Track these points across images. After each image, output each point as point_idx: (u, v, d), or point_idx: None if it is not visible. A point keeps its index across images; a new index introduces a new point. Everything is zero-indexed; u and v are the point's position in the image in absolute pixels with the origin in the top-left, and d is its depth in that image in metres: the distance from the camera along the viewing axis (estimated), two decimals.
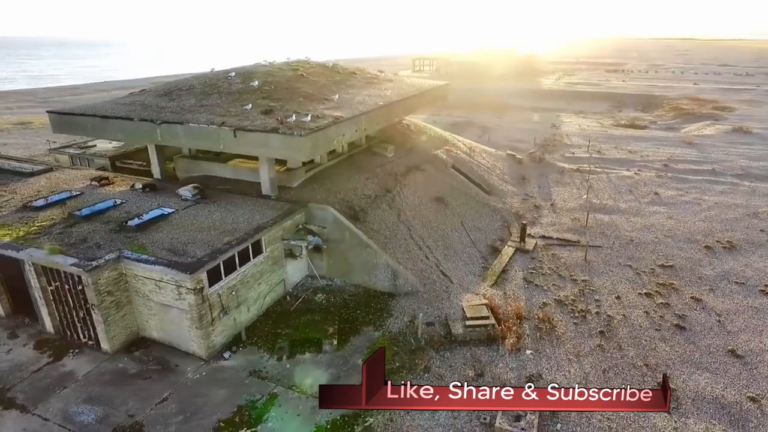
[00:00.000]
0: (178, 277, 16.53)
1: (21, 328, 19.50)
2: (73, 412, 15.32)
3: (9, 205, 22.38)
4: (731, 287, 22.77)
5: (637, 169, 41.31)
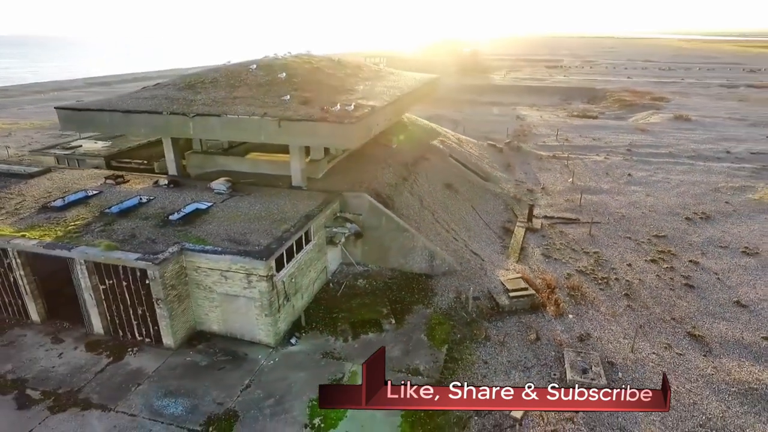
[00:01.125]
0: (250, 264, 16.65)
1: (62, 332, 18.67)
2: (159, 406, 15.13)
3: (24, 206, 21.15)
4: (718, 250, 25.82)
5: (606, 154, 44.88)
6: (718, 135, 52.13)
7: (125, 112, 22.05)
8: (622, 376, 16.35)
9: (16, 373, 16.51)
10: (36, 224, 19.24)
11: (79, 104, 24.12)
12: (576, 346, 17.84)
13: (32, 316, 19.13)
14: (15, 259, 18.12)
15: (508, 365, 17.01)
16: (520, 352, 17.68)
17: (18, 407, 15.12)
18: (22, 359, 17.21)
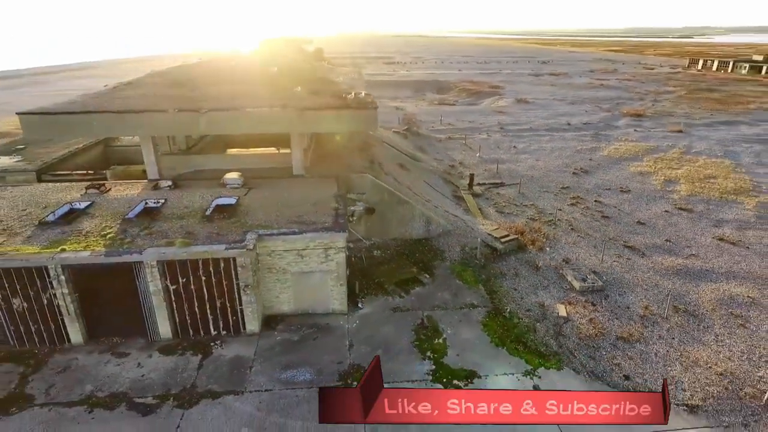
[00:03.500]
0: (329, 239, 18.23)
1: (118, 347, 17.55)
2: (287, 377, 16.09)
3: (15, 228, 18.62)
4: (606, 192, 34.62)
5: (486, 133, 53.38)
6: (554, 112, 65.50)
7: (119, 113, 20.54)
8: (605, 278, 22.41)
9: (105, 390, 15.51)
10: (58, 240, 17.49)
11: (54, 108, 21.04)
12: (566, 267, 23.49)
13: (73, 339, 17.46)
14: (58, 277, 16.46)
15: (531, 288, 21.78)
16: (533, 278, 22.60)
17: (143, 414, 14.60)
18: (97, 378, 16.04)
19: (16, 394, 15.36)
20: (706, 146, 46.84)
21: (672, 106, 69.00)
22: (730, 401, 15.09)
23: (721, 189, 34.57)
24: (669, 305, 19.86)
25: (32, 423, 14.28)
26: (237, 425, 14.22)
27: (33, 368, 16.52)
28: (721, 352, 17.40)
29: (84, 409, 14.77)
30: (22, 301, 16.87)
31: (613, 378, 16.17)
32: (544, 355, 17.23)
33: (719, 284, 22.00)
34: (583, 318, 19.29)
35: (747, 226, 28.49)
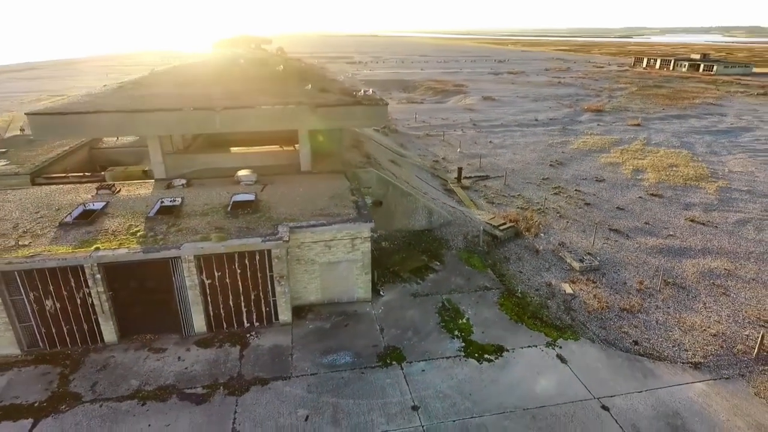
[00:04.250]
0: (356, 229, 19.06)
1: (153, 343, 17.70)
2: (329, 361, 16.83)
3: (35, 230, 18.32)
4: (584, 181, 37.01)
5: (461, 130, 55.29)
6: (521, 109, 68.44)
7: (132, 112, 20.44)
8: (600, 259, 24.35)
9: (152, 384, 15.74)
10: (88, 241, 17.44)
11: (65, 108, 20.45)
12: (563, 249, 25.30)
13: (107, 338, 17.47)
14: (94, 276, 16.48)
15: (535, 270, 23.39)
16: (534, 261, 24.26)
17: (196, 403, 14.98)
18: (139, 373, 16.22)
19: (61, 393, 15.35)
20: (664, 138, 50.64)
21: (627, 102, 73.61)
22: (727, 357, 17.14)
23: (684, 176, 37.77)
24: (661, 280, 21.99)
25: (86, 418, 14.39)
26: (292, 407, 14.89)
27: (71, 368, 16.48)
28: (710, 316, 19.58)
29: (136, 403, 15.00)
30: (55, 302, 16.77)
31: (624, 344, 17.93)
32: (560, 328, 18.81)
33: (698, 259, 24.44)
34: (588, 294, 21.07)
35: (712, 208, 31.46)
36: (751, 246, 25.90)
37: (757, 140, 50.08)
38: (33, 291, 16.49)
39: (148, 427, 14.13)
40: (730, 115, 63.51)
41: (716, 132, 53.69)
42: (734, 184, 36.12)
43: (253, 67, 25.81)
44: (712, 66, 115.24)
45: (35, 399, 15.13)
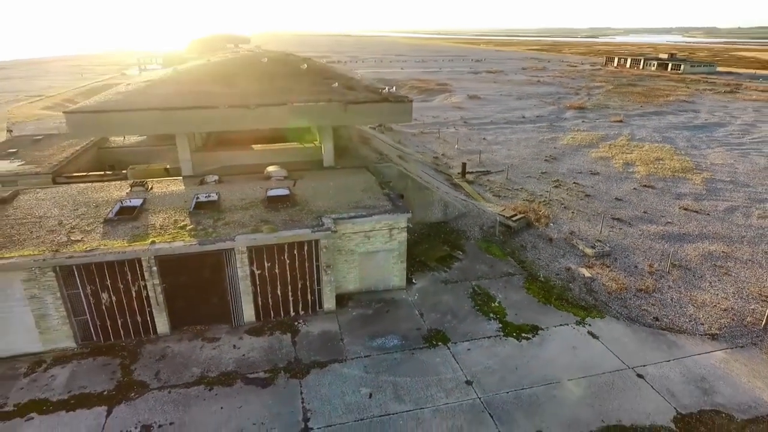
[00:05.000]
0: (394, 220, 20.02)
1: (205, 333, 18.26)
2: (379, 344, 17.75)
3: (82, 226, 18.59)
4: (580, 174, 38.86)
5: (453, 128, 56.74)
6: (507, 107, 70.49)
7: (167, 110, 20.81)
8: (609, 246, 25.98)
9: (214, 371, 16.35)
10: (137, 234, 17.85)
11: (102, 106, 20.49)
12: (574, 237, 26.85)
13: (159, 329, 17.93)
14: (150, 268, 16.94)
15: (551, 257, 24.83)
16: (549, 249, 25.71)
17: (262, 386, 15.68)
18: (199, 361, 16.79)
19: (127, 382, 15.82)
20: (646, 134, 53.30)
21: (605, 100, 76.66)
22: (739, 328, 18.88)
23: (671, 169, 40.11)
24: (669, 262, 23.74)
25: (159, 404, 14.93)
26: (355, 386, 15.77)
27: (130, 359, 16.91)
28: (718, 294, 21.37)
29: (203, 388, 15.61)
30: (111, 295, 17.15)
31: (646, 320, 19.49)
32: (585, 308, 20.25)
33: (697, 244, 26.37)
34: (605, 277, 22.61)
35: (701, 197, 33.69)
36: (742, 231, 28.05)
37: (730, 135, 53.27)
38: (90, 285, 16.85)
39: (220, 410, 14.79)
40: (703, 111, 67.11)
41: (693, 127, 56.80)
42: (717, 175, 38.62)
43: (276, 65, 26.37)
44: (679, 65, 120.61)
45: (103, 388, 15.56)
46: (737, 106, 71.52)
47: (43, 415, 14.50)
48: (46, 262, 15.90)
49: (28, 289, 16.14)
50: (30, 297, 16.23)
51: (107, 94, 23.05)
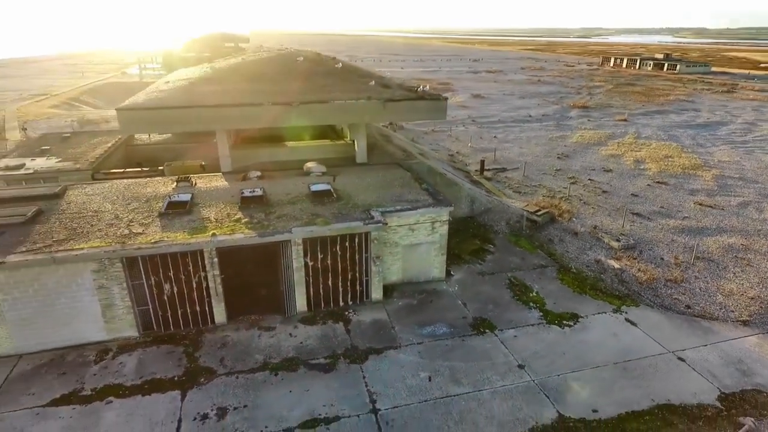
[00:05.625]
0: (437, 213, 20.81)
1: (260, 323, 18.89)
2: (429, 332, 18.52)
3: (139, 219, 19.14)
4: (593, 171, 39.88)
5: (463, 126, 57.63)
6: (511, 106, 71.55)
7: (216, 107, 21.40)
8: (633, 239, 26.93)
9: (276, 358, 17.01)
10: (195, 228, 18.45)
11: (153, 103, 20.99)
12: (599, 231, 27.79)
13: (217, 319, 18.56)
14: (212, 259, 17.57)
15: (579, 249, 25.74)
16: (576, 242, 26.62)
17: (324, 371, 16.37)
18: (259, 349, 17.45)
19: (195, 368, 16.44)
20: (651, 132, 54.55)
21: (607, 99, 78.02)
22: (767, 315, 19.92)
23: (681, 166, 41.29)
24: (693, 254, 24.76)
25: (229, 388, 15.58)
26: (413, 371, 16.52)
27: (193, 347, 17.53)
28: (743, 283, 22.40)
29: (269, 374, 16.28)
30: (173, 285, 17.75)
31: (678, 308, 20.44)
32: (620, 297, 21.17)
33: (716, 237, 27.43)
34: (633, 268, 23.56)
35: (714, 193, 34.84)
36: (757, 225, 29.17)
37: (733, 133, 54.69)
38: (154, 275, 17.44)
39: (289, 393, 15.47)
40: (703, 110, 68.64)
41: (696, 126, 58.18)
42: (726, 172, 39.84)
43: (312, 64, 27.03)
44: (675, 65, 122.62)
45: (173, 374, 16.18)
46: (736, 105, 73.21)
47: (120, 398, 15.10)
48: (116, 253, 16.48)
49: (97, 280, 16.71)
50: (98, 287, 16.80)
51: (150, 92, 23.56)
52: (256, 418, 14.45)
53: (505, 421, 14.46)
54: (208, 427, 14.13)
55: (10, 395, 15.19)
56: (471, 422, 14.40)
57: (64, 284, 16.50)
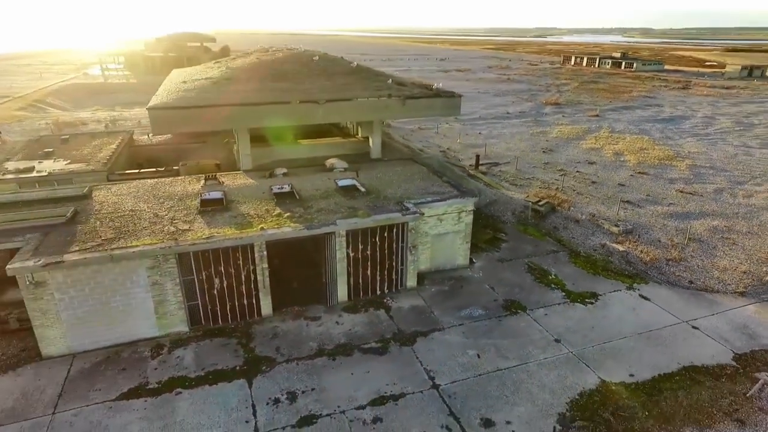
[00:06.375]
0: (463, 204, 22.01)
1: (304, 313, 19.54)
2: (466, 314, 19.72)
3: (181, 217, 19.40)
4: (579, 164, 42.19)
5: (447, 123, 59.25)
6: (489, 103, 73.87)
7: (244, 105, 21.77)
8: (630, 224, 29.03)
9: (329, 344, 17.78)
10: (239, 223, 18.92)
11: (184, 102, 20.96)
12: (598, 218, 29.76)
13: (264, 311, 19.10)
14: (262, 253, 18.11)
15: (583, 235, 27.57)
16: (579, 229, 28.47)
17: (379, 354, 17.26)
18: (311, 337, 18.14)
19: (253, 358, 16.99)
20: (623, 126, 57.86)
21: (576, 96, 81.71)
22: (760, 286, 22.20)
23: (657, 157, 44.26)
24: (687, 236, 27.04)
25: (293, 374, 16.26)
26: (461, 349, 17.66)
27: (245, 338, 18.03)
28: (733, 260, 24.76)
29: (326, 359, 17.04)
30: (222, 279, 18.18)
31: (683, 284, 22.49)
32: (630, 276, 23.04)
33: (701, 221, 29.94)
34: (636, 250, 25.57)
35: (691, 181, 37.71)
36: (734, 208, 31.97)
37: (696, 126, 58.75)
38: (205, 270, 17.83)
39: (351, 375, 16.30)
40: (665, 106, 73.11)
41: (662, 120, 62.09)
42: (698, 162, 43.06)
43: (328, 63, 27.68)
44: (632, 63, 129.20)
45: (234, 364, 16.68)
46: (694, 101, 78.32)
47: (188, 389, 15.52)
48: (171, 249, 16.81)
49: (151, 276, 16.98)
50: (153, 283, 17.07)
51: (173, 92, 23.63)
52: (327, 399, 15.23)
53: (556, 388, 15.83)
54: (283, 410, 14.81)
55: (75, 392, 15.34)
56: (526, 391, 15.70)
57: (120, 282, 16.71)
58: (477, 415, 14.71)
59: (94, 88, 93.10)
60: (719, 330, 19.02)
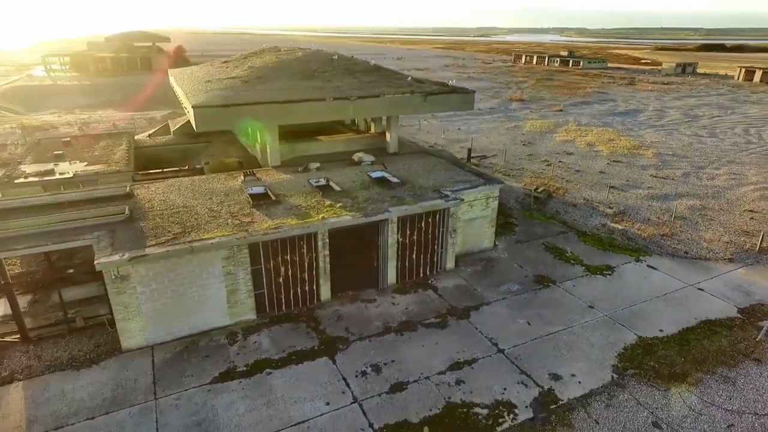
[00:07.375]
0: (490, 190, 23.93)
1: (359, 297, 20.76)
2: (505, 290, 21.66)
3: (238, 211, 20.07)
4: (557, 154, 45.40)
5: (425, 120, 61.36)
6: None
7: (284, 103, 22.57)
8: (621, 206, 32.10)
9: (393, 322, 19.15)
10: (298, 214, 19.87)
11: (227, 101, 21.16)
12: (592, 202, 32.64)
13: (323, 297, 20.16)
14: (324, 240, 19.17)
15: (583, 217, 30.31)
16: (577, 212, 31.21)
17: (440, 327, 18.82)
18: (373, 317, 19.45)
19: (327, 338, 18.10)
20: (588, 120, 62.26)
21: (536, 93, 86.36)
22: (743, 253, 25.62)
23: (625, 147, 48.34)
24: (673, 215, 30.37)
25: (369, 349, 17.53)
26: (511, 319, 19.56)
27: (313, 322, 19.06)
28: (715, 233, 28.21)
29: (394, 335, 18.41)
30: (288, 267, 19.10)
31: (680, 254, 25.53)
32: (634, 250, 25.85)
33: (679, 201, 33.55)
34: (633, 228, 28.54)
35: (660, 167, 41.72)
36: (703, 189, 35.96)
37: (650, 118, 64.13)
38: (273, 259, 18.71)
39: (422, 347, 17.79)
40: (619, 100, 78.91)
41: (619, 113, 67.22)
42: (661, 150, 47.47)
43: (349, 62, 28.78)
44: (579, 61, 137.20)
45: (311, 345, 17.73)
46: (642, 95, 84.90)
47: (277, 369, 16.46)
48: (245, 239, 17.61)
49: (225, 266, 17.70)
50: (227, 273, 17.79)
51: (207, 91, 23.99)
52: (408, 369, 16.65)
53: (603, 345, 18.05)
54: (372, 380, 16.10)
55: (168, 380, 15.91)
56: (579, 349, 17.80)
57: (197, 273, 17.33)
58: (544, 371, 16.64)
59: (44, 90, 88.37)
60: (720, 290, 22.03)
